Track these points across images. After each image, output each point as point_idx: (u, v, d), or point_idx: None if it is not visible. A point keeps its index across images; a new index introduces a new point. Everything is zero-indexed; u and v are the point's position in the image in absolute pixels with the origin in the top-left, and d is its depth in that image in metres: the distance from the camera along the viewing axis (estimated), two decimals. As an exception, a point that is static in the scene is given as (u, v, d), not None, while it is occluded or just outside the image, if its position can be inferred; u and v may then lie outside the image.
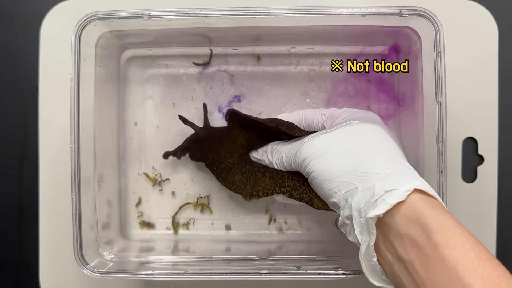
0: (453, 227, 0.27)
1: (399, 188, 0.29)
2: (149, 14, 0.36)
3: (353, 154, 0.32)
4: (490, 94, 0.43)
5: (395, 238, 0.28)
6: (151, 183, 0.44)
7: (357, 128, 0.35)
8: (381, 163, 0.31)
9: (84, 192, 0.37)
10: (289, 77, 0.43)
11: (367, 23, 0.38)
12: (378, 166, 0.31)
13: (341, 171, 0.32)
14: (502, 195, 0.43)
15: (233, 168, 0.39)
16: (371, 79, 0.43)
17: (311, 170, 0.34)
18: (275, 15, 0.36)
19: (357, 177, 0.31)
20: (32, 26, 0.44)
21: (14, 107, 0.45)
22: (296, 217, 0.44)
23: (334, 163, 0.33)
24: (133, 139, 0.44)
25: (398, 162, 0.32)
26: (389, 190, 0.29)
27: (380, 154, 0.32)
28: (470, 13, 0.43)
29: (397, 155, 0.33)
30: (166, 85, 0.44)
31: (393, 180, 0.29)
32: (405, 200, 0.28)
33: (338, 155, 0.33)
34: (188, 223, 0.44)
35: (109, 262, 0.39)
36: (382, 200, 0.29)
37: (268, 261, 0.40)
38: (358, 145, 0.33)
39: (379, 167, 0.31)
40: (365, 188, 0.30)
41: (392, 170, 0.30)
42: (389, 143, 0.34)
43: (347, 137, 0.34)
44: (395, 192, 0.29)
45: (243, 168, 0.39)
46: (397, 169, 0.31)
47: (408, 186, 0.29)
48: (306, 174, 0.35)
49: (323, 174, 0.33)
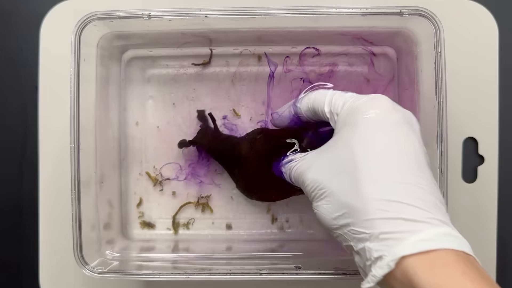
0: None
1: (386, 255, 0.25)
2: (149, 14, 0.36)
3: (342, 199, 0.28)
4: (490, 94, 0.43)
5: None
6: (152, 183, 0.44)
7: (348, 143, 0.29)
8: (374, 209, 0.26)
9: (84, 192, 0.37)
10: (290, 77, 0.43)
11: (367, 23, 0.38)
12: (370, 213, 0.26)
13: (335, 224, 0.28)
14: (502, 195, 0.43)
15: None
16: (370, 79, 0.43)
17: (314, 210, 0.31)
18: (275, 15, 0.36)
19: (350, 234, 0.27)
20: (32, 26, 0.44)
21: (14, 107, 0.45)
22: (297, 216, 0.44)
23: (327, 212, 0.29)
24: (134, 139, 0.44)
25: (402, 195, 0.26)
26: (377, 256, 0.25)
27: (374, 189, 0.26)
28: (470, 13, 0.43)
29: (405, 177, 0.27)
30: (167, 85, 0.44)
31: (383, 240, 0.25)
32: (399, 262, 0.24)
33: (329, 201, 0.29)
34: (188, 222, 0.44)
35: (111, 261, 0.39)
36: (370, 271, 0.26)
37: (268, 259, 0.40)
38: (346, 182, 0.28)
39: (371, 215, 0.26)
40: (358, 248, 0.27)
41: (389, 215, 0.25)
42: (398, 155, 0.27)
43: (334, 167, 0.29)
44: (383, 260, 0.25)
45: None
46: (397, 211, 0.25)
47: (397, 251, 0.24)
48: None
49: (322, 221, 0.30)
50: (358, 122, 0.29)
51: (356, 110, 0.30)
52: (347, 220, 0.27)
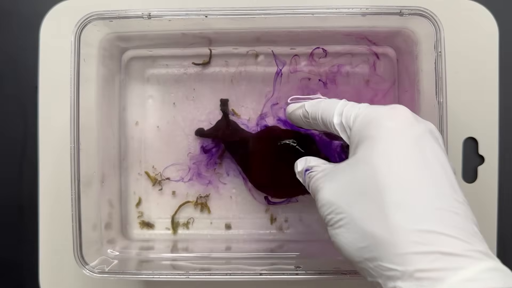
0: None
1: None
2: (149, 14, 0.36)
3: (365, 228, 0.24)
4: (490, 94, 0.43)
5: None
6: (151, 182, 0.44)
7: (369, 161, 0.25)
8: (406, 241, 0.22)
9: (84, 192, 0.37)
10: (289, 77, 0.43)
11: (367, 23, 0.38)
12: (401, 247, 0.23)
13: (359, 257, 0.25)
14: (502, 195, 0.43)
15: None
16: (371, 80, 0.43)
17: (331, 238, 0.27)
18: (275, 15, 0.36)
19: (377, 270, 0.24)
20: (32, 25, 0.44)
21: (14, 107, 0.45)
22: (296, 216, 0.44)
23: (348, 242, 0.25)
24: (134, 138, 0.44)
25: (436, 223, 0.23)
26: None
27: (404, 216, 0.23)
28: (470, 12, 0.43)
29: (439, 201, 0.24)
30: (167, 85, 0.44)
31: (419, 280, 0.22)
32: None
33: (350, 229, 0.25)
34: (188, 222, 0.44)
35: (111, 261, 0.39)
36: None
37: (268, 259, 0.40)
38: (370, 208, 0.24)
39: (403, 248, 0.22)
40: (388, 287, 0.23)
41: (424, 248, 0.22)
42: (427, 175, 0.24)
43: (354, 188, 0.25)
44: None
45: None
46: (433, 243, 0.22)
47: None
48: None
49: (342, 252, 0.26)
50: (377, 136, 0.26)
51: (373, 122, 0.27)
52: (373, 253, 0.24)
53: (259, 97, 0.43)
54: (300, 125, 0.35)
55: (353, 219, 0.25)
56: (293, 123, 0.36)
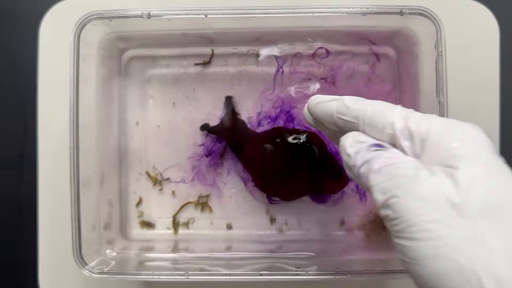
0: None
1: None
2: (149, 13, 0.36)
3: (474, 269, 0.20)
4: (491, 93, 0.43)
5: None
6: (152, 182, 0.44)
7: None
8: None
9: (84, 192, 0.37)
10: (289, 77, 0.43)
11: (367, 23, 0.38)
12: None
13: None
14: (503, 195, 0.43)
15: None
16: (371, 81, 0.43)
17: (406, 265, 0.22)
18: (276, 14, 0.36)
19: None
20: (31, 25, 0.44)
21: (13, 107, 0.45)
22: (296, 217, 0.44)
23: (439, 274, 0.20)
24: (134, 138, 0.44)
25: None
26: None
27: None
28: (471, 12, 0.42)
29: None
30: (167, 85, 0.44)
31: None
32: None
33: (444, 261, 0.20)
34: (188, 222, 0.44)
35: (110, 261, 0.39)
36: None
37: (268, 259, 0.40)
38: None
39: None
40: None
41: None
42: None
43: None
44: None
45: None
46: None
47: None
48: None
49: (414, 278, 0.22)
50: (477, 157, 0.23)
51: (462, 139, 0.24)
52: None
53: (259, 97, 0.43)
54: (323, 120, 0.29)
55: (453, 245, 0.20)
56: (314, 117, 0.30)
